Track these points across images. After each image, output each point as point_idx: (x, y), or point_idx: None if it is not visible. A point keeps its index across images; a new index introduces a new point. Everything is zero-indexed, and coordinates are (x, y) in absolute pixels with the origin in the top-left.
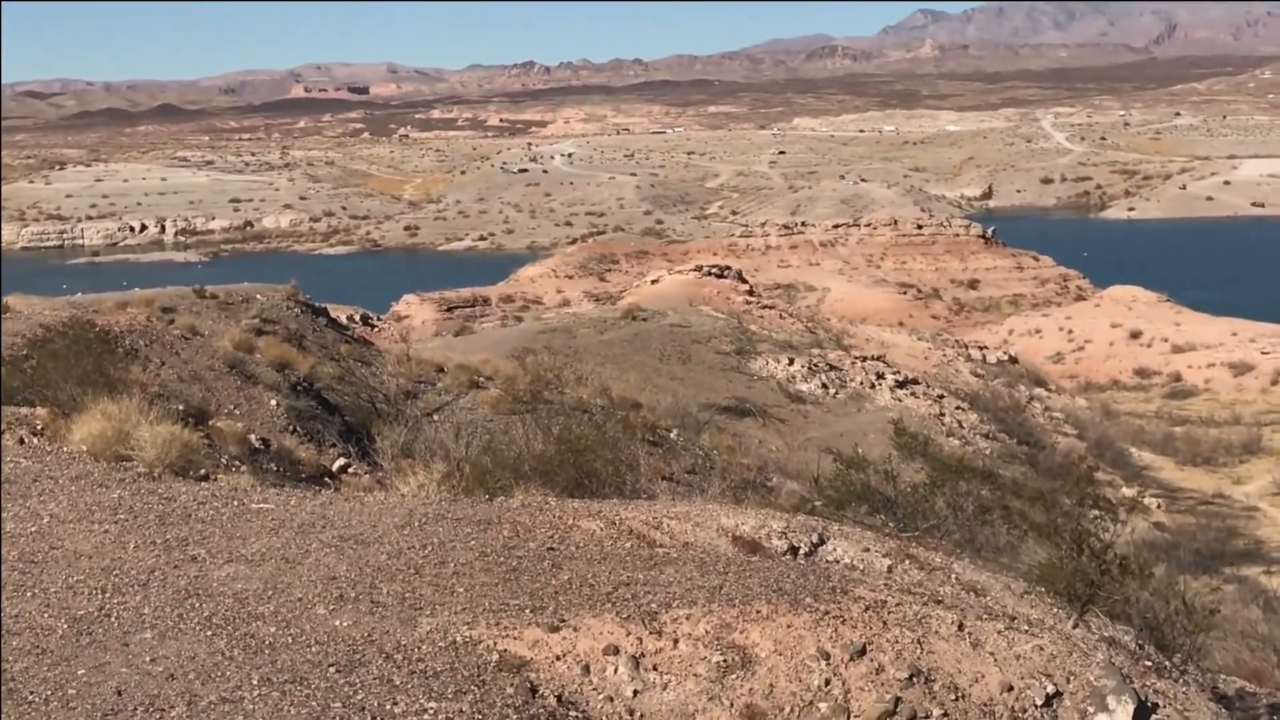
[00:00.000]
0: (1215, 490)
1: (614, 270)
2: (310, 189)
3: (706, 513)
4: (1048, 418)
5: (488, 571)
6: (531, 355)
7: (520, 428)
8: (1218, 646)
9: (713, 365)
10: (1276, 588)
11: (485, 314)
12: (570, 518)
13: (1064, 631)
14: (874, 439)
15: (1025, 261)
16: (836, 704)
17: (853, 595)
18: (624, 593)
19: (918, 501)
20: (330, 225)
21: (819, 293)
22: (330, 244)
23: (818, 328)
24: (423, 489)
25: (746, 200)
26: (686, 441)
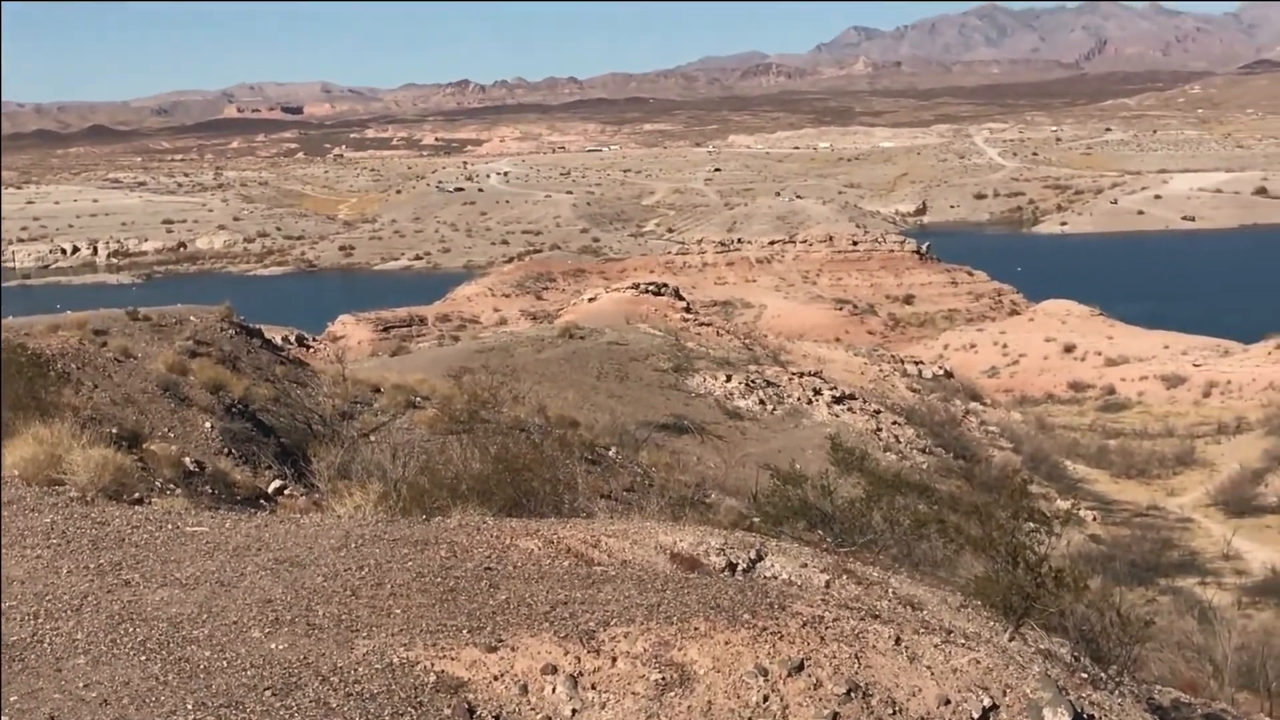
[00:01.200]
0: (1150, 502)
1: (551, 288)
2: (244, 209)
3: (644, 530)
4: (983, 432)
5: (425, 592)
6: (468, 374)
7: (457, 447)
8: (1153, 657)
9: (650, 383)
10: (1211, 598)
11: (422, 333)
12: (508, 537)
13: (1000, 644)
14: (811, 454)
15: (960, 277)
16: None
17: (790, 611)
18: (562, 611)
19: (855, 516)
20: (264, 246)
21: (756, 309)
22: (265, 265)
23: (755, 344)
24: (359, 510)
25: (683, 218)
26: (625, 459)
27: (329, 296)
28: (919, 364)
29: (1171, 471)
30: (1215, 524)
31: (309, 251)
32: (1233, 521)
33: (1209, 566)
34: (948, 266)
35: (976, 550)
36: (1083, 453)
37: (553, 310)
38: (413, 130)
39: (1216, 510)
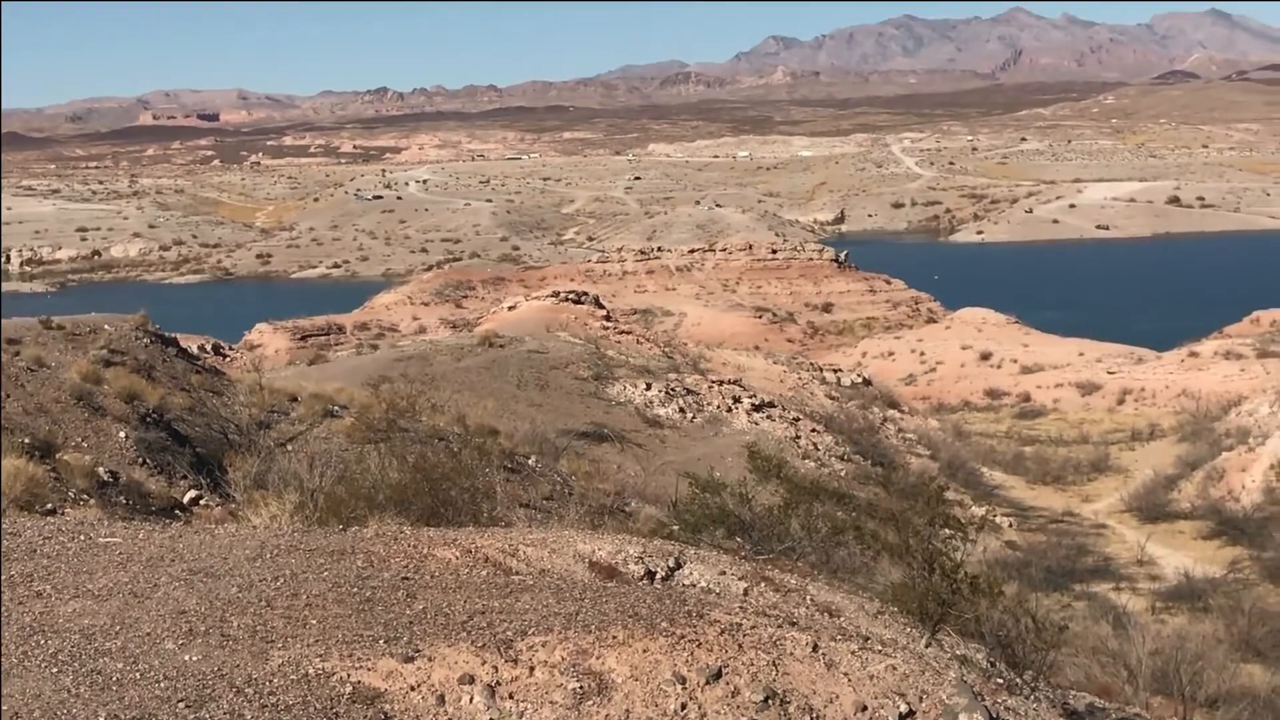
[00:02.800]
0: (1065, 508)
1: (470, 297)
2: (160, 217)
3: (563, 539)
4: (901, 439)
5: (341, 603)
6: (387, 383)
7: (375, 456)
8: (1069, 662)
9: (571, 391)
10: (1126, 604)
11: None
12: (425, 547)
13: (917, 651)
14: (731, 462)
15: (878, 285)
16: None
17: (708, 619)
18: (479, 621)
19: (773, 524)
20: (180, 254)
21: (676, 317)
22: (181, 273)
23: (675, 352)
24: (275, 520)
25: (603, 226)
26: (544, 468)
27: (246, 305)
28: (837, 372)
29: (1086, 478)
30: (1129, 530)
31: (225, 259)
32: (1146, 527)
33: (1123, 572)
34: (866, 275)
35: (893, 556)
36: (999, 459)
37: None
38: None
39: (1130, 516)
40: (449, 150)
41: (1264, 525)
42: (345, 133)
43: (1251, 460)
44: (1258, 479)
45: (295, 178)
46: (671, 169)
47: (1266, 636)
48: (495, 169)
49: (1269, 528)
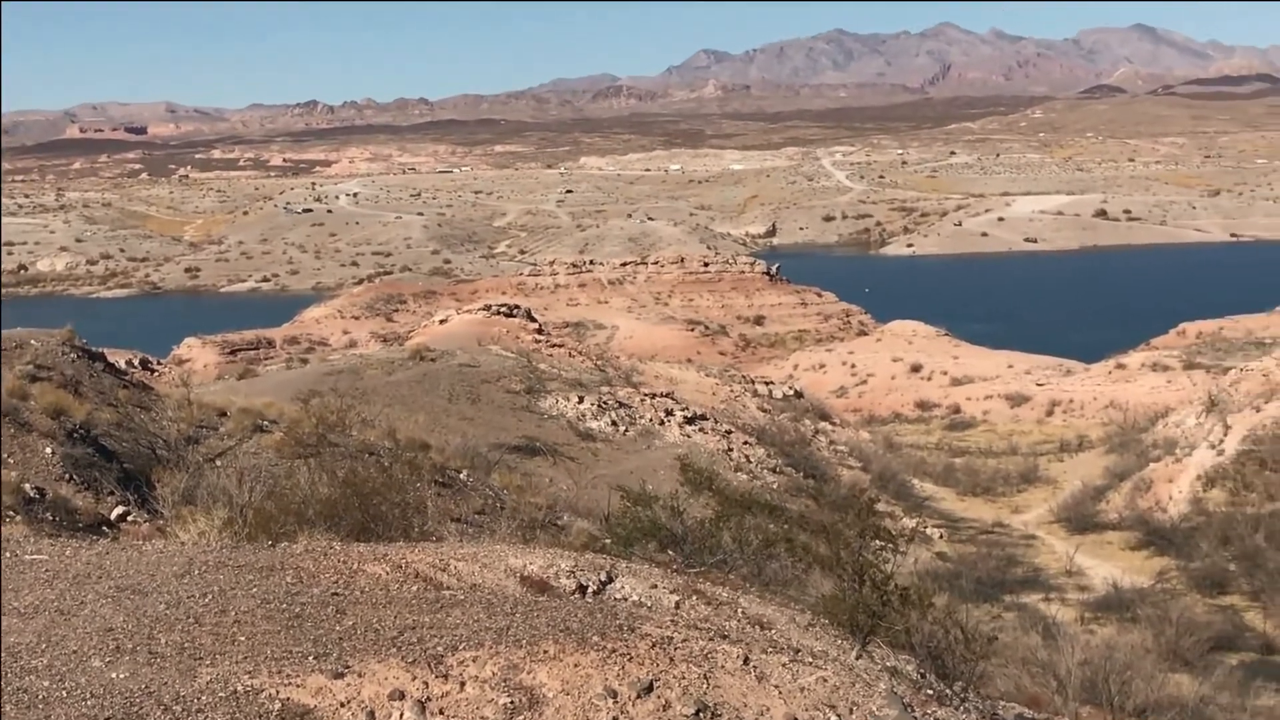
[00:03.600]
0: (995, 519)
1: (401, 310)
2: (87, 231)
3: (495, 553)
4: (833, 451)
5: (270, 619)
6: (317, 397)
7: (305, 471)
8: (999, 673)
9: (502, 405)
10: (1055, 614)
11: (269, 356)
12: (355, 562)
13: (847, 662)
14: (663, 475)
15: (809, 298)
16: None
17: (640, 632)
18: (410, 636)
19: (704, 536)
20: (108, 268)
21: (608, 330)
22: (108, 287)
23: (607, 365)
24: (204, 536)
25: (535, 239)
26: (476, 482)
27: (174, 319)
28: (769, 384)
29: (1016, 489)
30: (1058, 540)
31: (153, 274)
32: (1075, 538)
33: (1052, 583)
34: (797, 288)
35: (825, 569)
36: (929, 471)
37: (403, 332)
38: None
39: (1059, 527)
40: (380, 163)
41: (1191, 536)
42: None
43: (1178, 471)
44: (1184, 490)
45: (224, 191)
46: (603, 182)
47: (1194, 646)
48: (426, 182)
49: (1196, 538)
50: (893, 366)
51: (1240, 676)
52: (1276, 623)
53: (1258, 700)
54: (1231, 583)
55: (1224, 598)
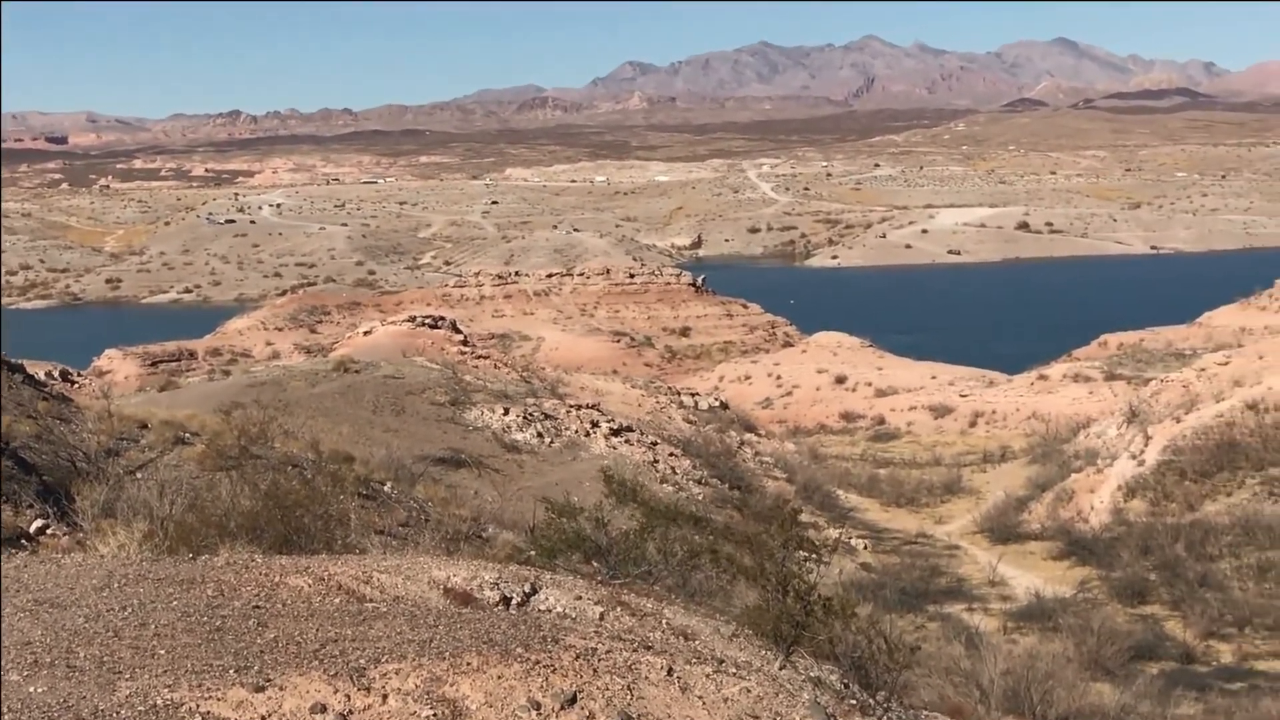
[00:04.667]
0: (919, 530)
1: (325, 322)
2: (6, 241)
3: (418, 565)
4: (758, 462)
5: (190, 632)
6: (239, 409)
7: (227, 484)
8: (922, 683)
9: (427, 416)
10: (978, 624)
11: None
12: (277, 575)
13: (771, 673)
14: (589, 487)
15: (735, 309)
16: None
17: (564, 644)
18: (332, 649)
19: (629, 548)
20: (27, 279)
21: (534, 342)
22: (27, 298)
23: (532, 377)
24: (123, 549)
25: (460, 250)
26: (400, 494)
27: (95, 330)
28: (695, 395)
29: (939, 500)
30: (981, 550)
31: (74, 284)
32: (998, 548)
33: (975, 592)
34: (723, 299)
35: (749, 580)
36: (854, 482)
37: (327, 344)
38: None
39: (982, 537)
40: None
41: (1112, 546)
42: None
43: (1100, 481)
44: (1106, 500)
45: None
46: (529, 193)
47: (1115, 655)
48: (350, 193)
49: (1117, 548)
50: (818, 378)
51: (1160, 685)
52: (1196, 632)
53: (1178, 709)
54: (1152, 592)
55: (1144, 607)
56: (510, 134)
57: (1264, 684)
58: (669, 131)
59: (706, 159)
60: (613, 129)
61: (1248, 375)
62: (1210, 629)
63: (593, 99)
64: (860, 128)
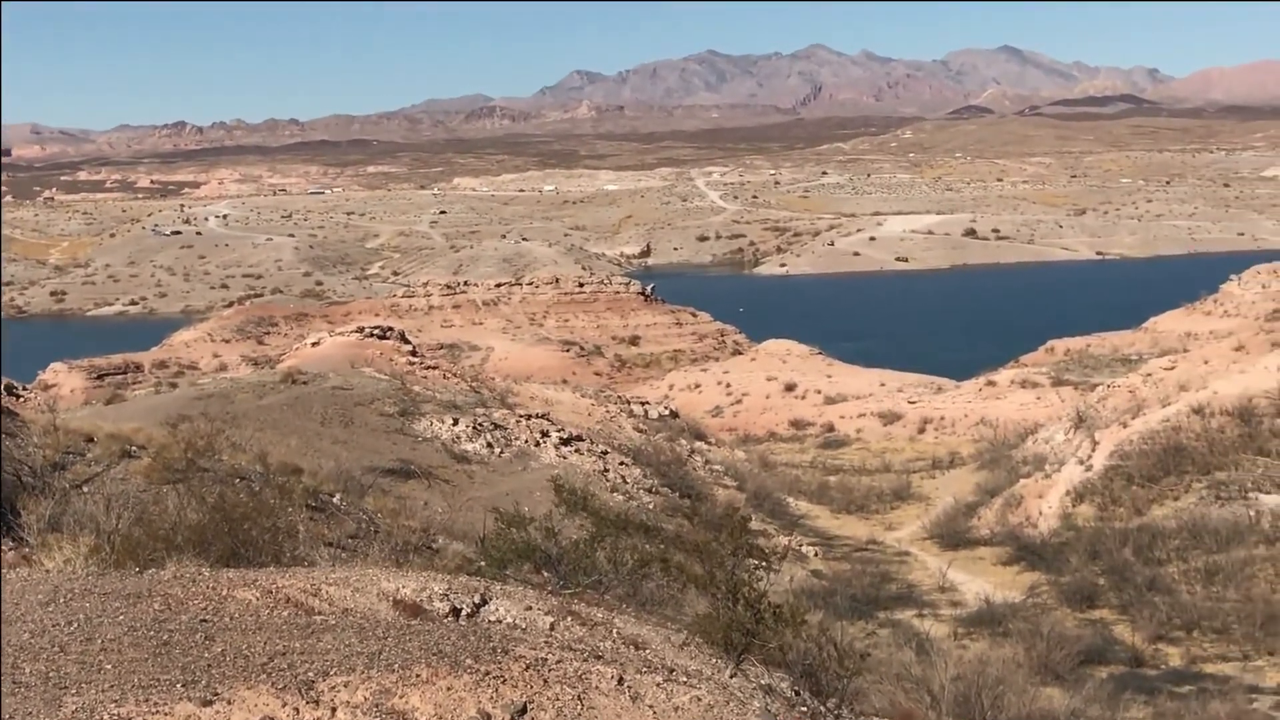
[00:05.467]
0: (869, 536)
1: (273, 333)
2: None
3: (367, 577)
4: (709, 470)
5: (137, 646)
6: (186, 422)
7: (174, 497)
8: (873, 689)
9: (376, 428)
10: (928, 630)
11: (138, 381)
12: (225, 588)
13: (722, 681)
14: (539, 496)
15: (684, 318)
16: None
17: (514, 654)
18: (280, 662)
19: (579, 557)
20: None
21: (483, 352)
22: None
23: (482, 387)
24: (69, 564)
25: (408, 260)
26: (349, 506)
27: (40, 343)
28: (645, 404)
29: (889, 506)
30: (931, 557)
31: (18, 297)
32: (947, 554)
33: (926, 598)
34: (672, 308)
35: (699, 588)
36: (804, 489)
37: (275, 355)
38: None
39: (932, 543)
40: (250, 185)
41: (1060, 550)
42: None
43: (1048, 487)
44: (1054, 505)
45: (91, 213)
46: (477, 203)
47: (1064, 660)
48: (298, 203)
49: (1065, 553)
50: (767, 385)
51: (1110, 689)
52: (1144, 635)
53: (1127, 713)
54: (1100, 596)
55: (1093, 611)
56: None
57: (1212, 687)
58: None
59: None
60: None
61: (1193, 380)
62: (1158, 633)
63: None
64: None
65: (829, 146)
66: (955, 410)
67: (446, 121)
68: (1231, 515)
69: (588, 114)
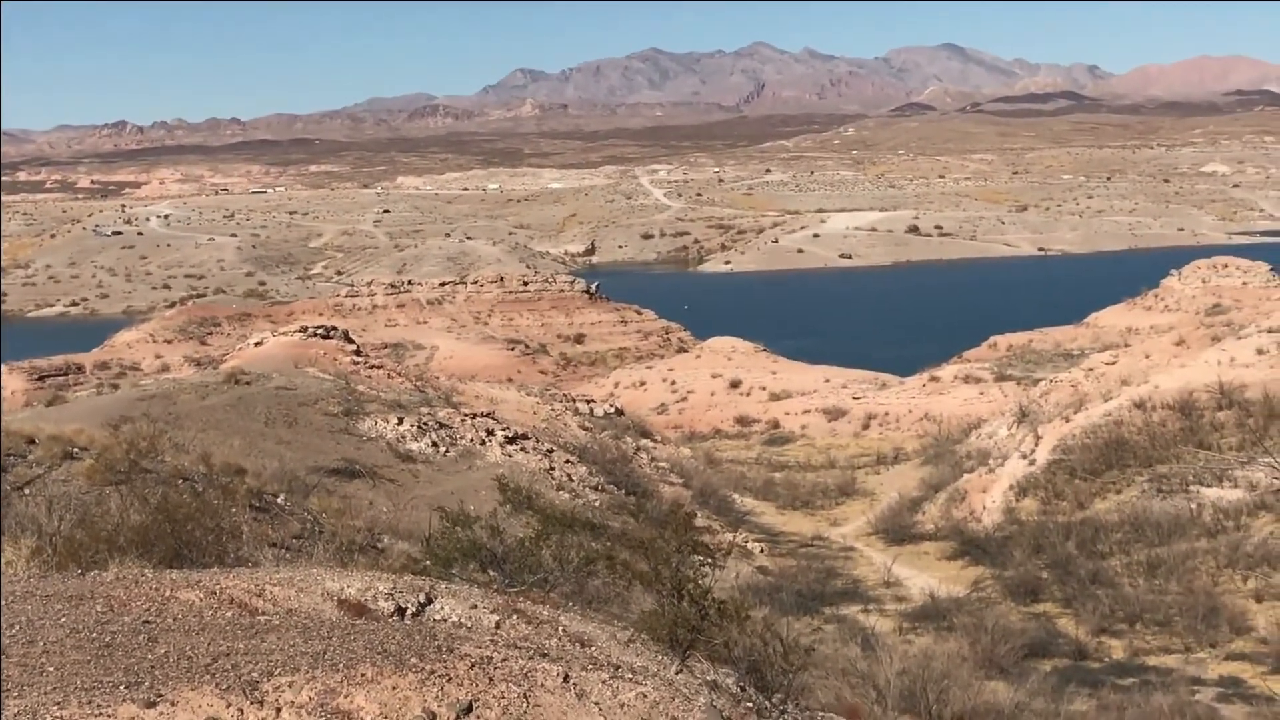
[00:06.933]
0: (814, 533)
1: (216, 333)
2: None
3: (311, 577)
4: (654, 468)
5: (79, 649)
6: (129, 423)
7: (116, 499)
8: (819, 684)
9: (321, 427)
10: (874, 625)
11: (80, 382)
12: (168, 589)
13: (667, 677)
14: (485, 495)
15: (629, 315)
16: None
17: (459, 653)
18: (224, 663)
19: (525, 556)
20: None
21: (427, 351)
22: None
23: (427, 386)
24: (10, 566)
25: (352, 260)
26: (293, 506)
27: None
28: (590, 402)
29: (834, 502)
30: (876, 552)
31: None
32: (893, 549)
33: (871, 594)
34: (617, 305)
35: (644, 585)
36: (749, 486)
37: (218, 356)
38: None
39: (877, 538)
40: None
41: (1004, 545)
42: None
43: (991, 481)
44: (998, 499)
45: (31, 214)
46: (421, 202)
47: (1009, 654)
48: (240, 203)
49: (1009, 547)
50: (712, 383)
51: (1054, 682)
52: (1088, 629)
53: (1071, 705)
54: (1044, 590)
55: (1037, 605)
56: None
57: (1155, 679)
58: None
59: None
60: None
61: (1135, 374)
62: (1102, 625)
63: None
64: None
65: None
66: (899, 406)
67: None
68: (1173, 508)
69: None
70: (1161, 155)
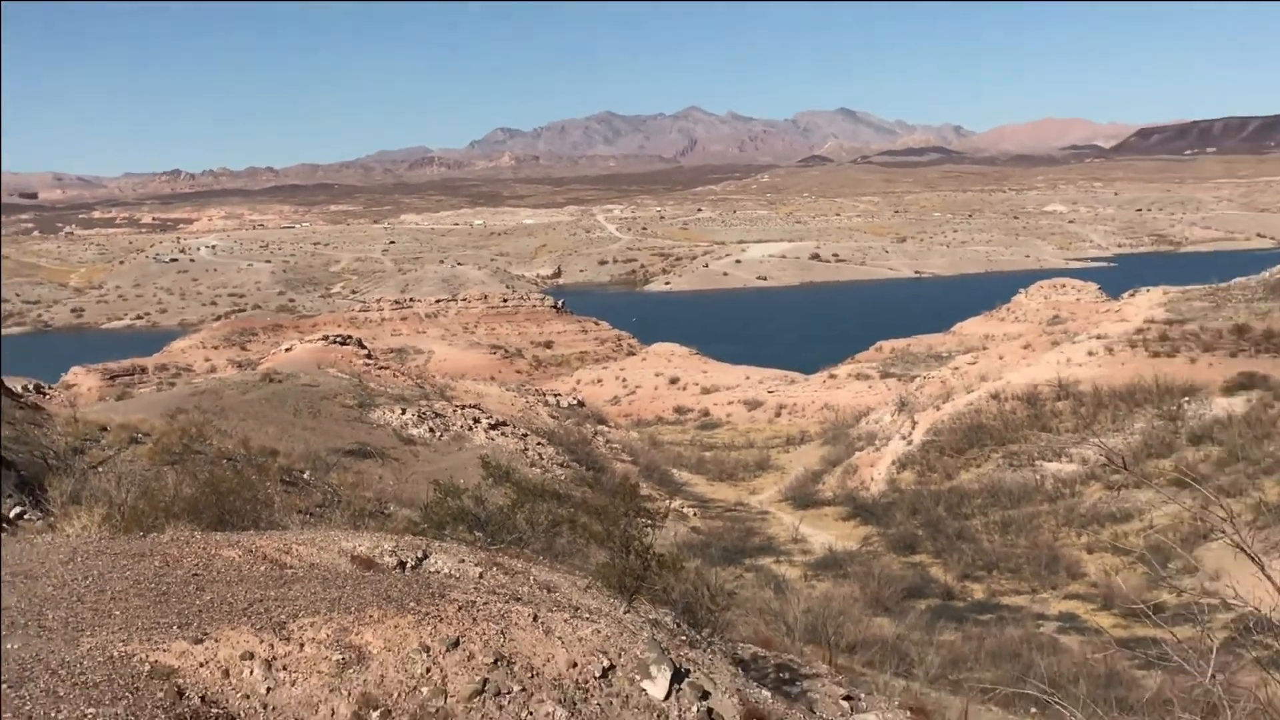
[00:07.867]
0: (737, 499)
1: (254, 341)
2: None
3: (329, 538)
4: (609, 448)
5: (141, 596)
6: (183, 414)
7: (172, 475)
8: (740, 621)
9: (339, 417)
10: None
11: (143, 381)
12: (213, 548)
13: (617, 617)
14: (472, 471)
15: (588, 326)
16: (436, 687)
17: (449, 598)
18: (258, 608)
19: (503, 519)
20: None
21: (425, 355)
22: (6, 326)
23: (425, 383)
24: (86, 530)
25: (364, 281)
26: (316, 480)
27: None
28: (557, 396)
29: (753, 475)
30: (786, 515)
31: (44, 314)
32: (799, 513)
33: (782, 549)
34: (579, 318)
35: (599, 543)
36: (685, 463)
37: (255, 359)
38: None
39: (787, 504)
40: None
41: (888, 509)
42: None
43: (878, 458)
44: (883, 472)
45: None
46: (420, 235)
47: (891, 596)
48: (273, 236)
49: (892, 510)
50: (656, 380)
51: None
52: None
53: (941, 636)
54: (920, 545)
55: (914, 556)
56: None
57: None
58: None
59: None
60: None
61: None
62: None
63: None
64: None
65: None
66: (804, 398)
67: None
68: (1021, 479)
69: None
70: (1012, 197)
